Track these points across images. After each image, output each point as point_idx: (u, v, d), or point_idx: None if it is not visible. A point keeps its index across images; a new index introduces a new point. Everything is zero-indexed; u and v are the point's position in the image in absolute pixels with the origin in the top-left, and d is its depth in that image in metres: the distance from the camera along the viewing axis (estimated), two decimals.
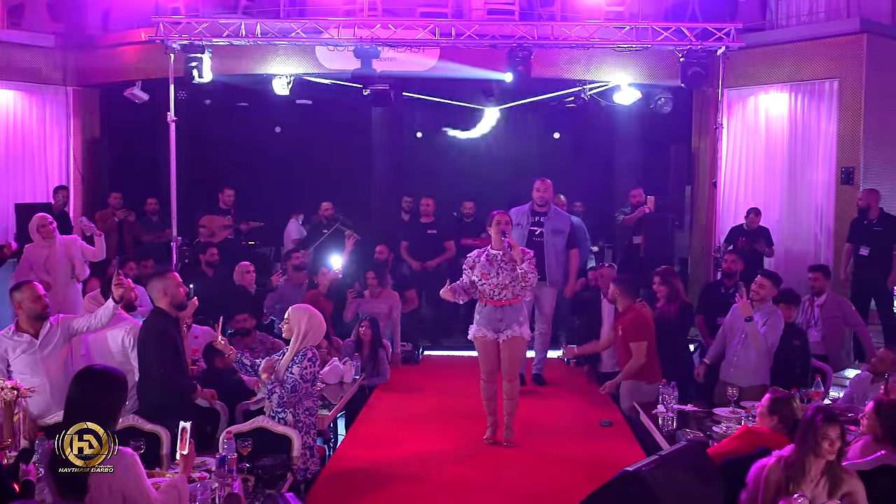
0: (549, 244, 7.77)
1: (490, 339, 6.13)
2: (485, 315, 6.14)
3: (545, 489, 5.42)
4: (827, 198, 9.60)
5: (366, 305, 8.39)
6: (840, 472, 3.81)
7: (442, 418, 6.86)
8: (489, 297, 6.08)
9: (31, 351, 4.99)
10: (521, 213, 7.84)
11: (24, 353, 4.99)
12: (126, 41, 10.70)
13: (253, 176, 11.51)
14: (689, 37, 9.02)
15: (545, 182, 7.91)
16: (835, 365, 7.40)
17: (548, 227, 7.80)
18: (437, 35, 9.11)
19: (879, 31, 9.44)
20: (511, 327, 6.10)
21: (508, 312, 6.10)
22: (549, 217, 7.86)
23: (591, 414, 7.04)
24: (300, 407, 4.95)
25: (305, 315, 5.08)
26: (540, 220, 7.82)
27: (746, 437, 4.53)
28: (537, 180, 7.95)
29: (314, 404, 5.12)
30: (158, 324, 5.02)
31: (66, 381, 4.20)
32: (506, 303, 6.07)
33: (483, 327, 6.14)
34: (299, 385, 4.89)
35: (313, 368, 4.98)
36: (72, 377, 3.61)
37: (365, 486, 5.36)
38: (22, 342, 5.01)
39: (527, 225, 7.79)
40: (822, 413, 3.87)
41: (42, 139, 10.97)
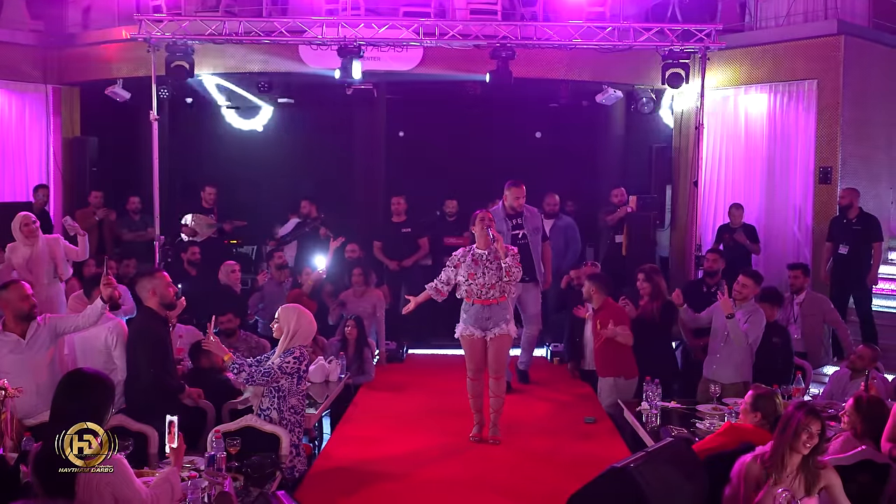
0: (533, 244, 7.70)
1: (477, 337, 6.15)
2: (472, 314, 6.15)
3: (532, 486, 5.47)
4: (805, 197, 9.74)
5: (350, 305, 8.40)
6: (816, 467, 3.87)
7: (428, 416, 6.90)
8: (477, 297, 6.10)
9: (18, 350, 4.97)
10: (497, 218, 7.49)
11: (11, 352, 4.97)
12: (107, 39, 10.64)
13: (234, 174, 11.47)
14: (671, 38, 9.12)
15: (522, 188, 7.68)
16: (813, 362, 7.56)
17: (528, 228, 7.71)
18: (421, 34, 9.13)
19: (856, 33, 9.61)
20: (499, 325, 6.13)
21: (496, 311, 6.12)
22: (526, 218, 7.75)
23: (576, 411, 7.10)
24: (285, 404, 4.93)
25: (294, 314, 5.07)
26: (519, 222, 7.72)
27: (730, 433, 4.60)
28: (513, 186, 7.68)
29: (300, 402, 5.07)
30: (147, 323, 5.03)
31: (53, 381, 4.23)
32: (493, 301, 6.10)
33: (470, 325, 6.16)
34: (274, 372, 4.85)
35: (297, 365, 4.94)
36: (57, 377, 3.62)
37: (352, 485, 5.37)
38: (8, 342, 4.99)
39: (508, 230, 7.59)
40: (805, 408, 3.94)
41: (22, 137, 10.90)
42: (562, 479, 5.27)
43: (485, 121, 11.82)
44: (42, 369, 5.02)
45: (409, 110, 11.63)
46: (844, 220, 8.93)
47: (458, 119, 11.77)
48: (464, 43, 9.21)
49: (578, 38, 9.22)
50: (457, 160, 11.73)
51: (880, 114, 9.94)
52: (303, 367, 4.99)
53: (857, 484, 4.26)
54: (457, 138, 11.90)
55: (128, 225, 10.40)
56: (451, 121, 11.75)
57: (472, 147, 11.91)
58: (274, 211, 11.04)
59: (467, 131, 11.93)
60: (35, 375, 4.95)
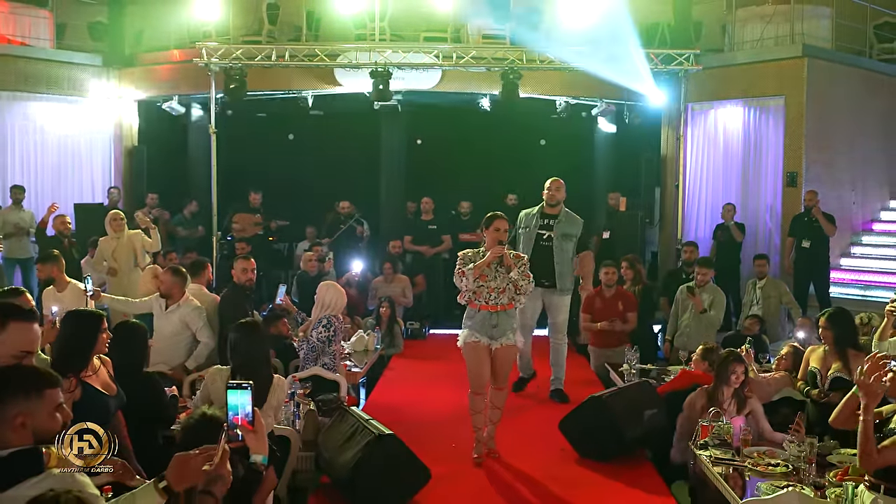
0: (558, 249, 7.22)
1: (483, 344, 5.74)
2: (478, 320, 5.75)
3: (538, 427, 6.78)
4: (776, 197, 11.16)
5: (383, 289, 9.89)
6: (744, 396, 5.30)
7: (448, 377, 7.98)
8: (484, 301, 5.73)
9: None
10: (530, 214, 7.42)
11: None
12: (162, 60, 12.16)
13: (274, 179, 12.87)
14: (655, 61, 10.55)
15: (557, 181, 7.35)
16: (772, 336, 8.95)
17: (558, 232, 7.24)
18: (441, 58, 10.60)
19: (819, 55, 11.02)
20: (505, 334, 5.76)
21: (503, 318, 5.75)
22: (560, 221, 7.27)
23: (574, 375, 8.01)
24: (320, 362, 6.36)
25: (325, 288, 6.57)
26: (549, 223, 7.27)
27: (684, 377, 6.06)
28: (550, 179, 7.39)
29: (331, 361, 6.45)
30: (235, 297, 6.50)
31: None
32: (501, 308, 5.72)
33: (477, 332, 5.74)
34: (316, 345, 6.33)
35: (327, 333, 6.37)
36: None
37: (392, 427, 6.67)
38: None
39: (535, 227, 7.30)
40: (733, 355, 5.38)
41: (89, 147, 12.43)
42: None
43: (494, 130, 13.28)
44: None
45: (428, 122, 13.06)
46: (806, 219, 10.33)
47: (471, 129, 13.23)
48: (477, 66, 10.65)
49: (576, 61, 10.64)
50: (469, 165, 13.20)
51: (842, 125, 11.29)
52: (330, 333, 6.39)
53: (780, 415, 5.71)
54: (469, 146, 13.37)
55: (182, 224, 11.88)
56: (465, 130, 13.19)
57: (482, 154, 13.36)
58: (309, 212, 12.49)
59: (479, 140, 13.39)
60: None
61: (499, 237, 5.71)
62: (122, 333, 4.58)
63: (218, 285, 9.68)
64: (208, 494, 2.75)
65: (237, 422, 2.96)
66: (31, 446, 2.65)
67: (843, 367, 5.30)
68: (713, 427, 4.87)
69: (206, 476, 2.71)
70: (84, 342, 3.94)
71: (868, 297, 10.36)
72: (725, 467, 4.52)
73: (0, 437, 2.66)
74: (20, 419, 2.67)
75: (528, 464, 5.78)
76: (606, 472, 5.57)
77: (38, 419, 2.71)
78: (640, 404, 5.66)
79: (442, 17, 11.48)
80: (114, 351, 4.21)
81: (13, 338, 3.02)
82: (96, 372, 4.12)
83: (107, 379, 4.22)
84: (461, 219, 11.63)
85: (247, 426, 2.97)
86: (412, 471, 4.89)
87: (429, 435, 6.28)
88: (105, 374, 4.22)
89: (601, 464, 5.69)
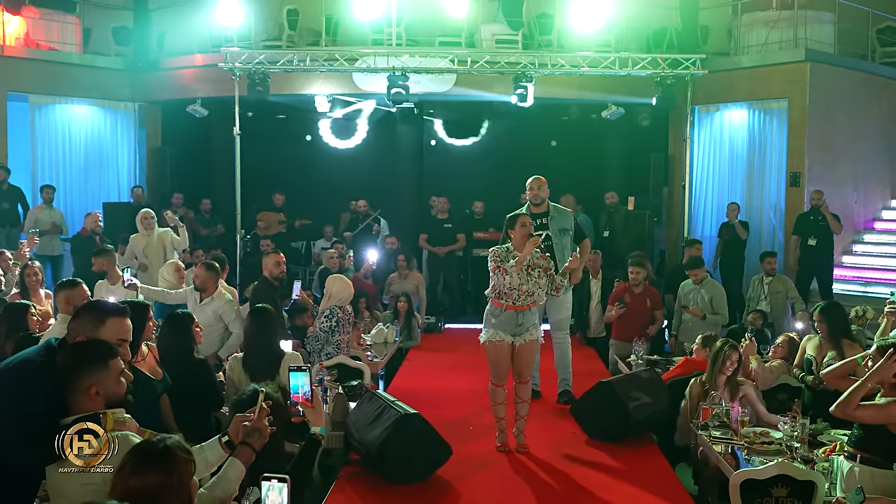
0: (558, 245, 7.09)
1: (507, 342, 5.87)
2: (503, 319, 5.84)
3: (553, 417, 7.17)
4: (779, 197, 11.50)
5: (398, 285, 10.29)
6: (737, 382, 5.66)
7: (463, 368, 8.48)
8: (512, 302, 5.81)
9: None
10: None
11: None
12: (186, 64, 12.58)
13: (296, 179, 13.30)
14: (663, 65, 10.91)
15: (539, 179, 7.20)
16: (778, 330, 9.30)
17: (553, 228, 7.13)
18: (455, 63, 10.99)
19: (821, 59, 11.34)
20: (529, 331, 5.90)
21: (528, 317, 5.89)
22: (552, 217, 7.17)
23: (584, 367, 8.34)
24: (323, 352, 6.74)
25: (332, 280, 6.95)
26: (542, 221, 7.10)
27: (686, 364, 6.44)
28: (531, 178, 7.25)
29: (334, 351, 6.76)
30: (266, 289, 6.91)
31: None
32: (526, 307, 5.86)
33: (500, 331, 5.85)
34: (319, 335, 6.72)
35: (329, 324, 6.72)
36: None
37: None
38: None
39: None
40: (728, 344, 5.74)
41: (115, 147, 12.88)
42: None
43: (507, 132, 13.69)
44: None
45: (443, 123, 13.47)
46: (812, 217, 10.66)
47: (485, 130, 13.63)
48: (491, 70, 11.03)
49: (586, 65, 11.03)
50: (483, 166, 13.60)
51: (844, 126, 11.62)
52: (332, 324, 6.74)
53: (777, 401, 6.08)
54: (483, 147, 13.77)
55: (202, 222, 12.31)
56: (479, 132, 13.59)
57: (495, 155, 13.76)
58: (328, 210, 12.90)
59: (492, 141, 13.79)
60: None
61: (527, 231, 5.88)
62: (174, 323, 4.99)
63: (241, 280, 10.16)
64: (247, 445, 3.20)
65: (298, 399, 3.48)
66: (93, 413, 3.04)
67: (838, 355, 5.70)
68: (713, 410, 5.25)
69: (245, 431, 3.19)
70: (134, 330, 4.36)
71: (869, 293, 10.72)
72: (724, 446, 4.89)
73: (77, 407, 3.08)
74: (94, 388, 3.08)
75: (539, 445, 6.09)
76: (614, 454, 5.93)
77: (108, 385, 3.12)
78: (645, 388, 6.05)
79: (456, 23, 11.88)
80: (167, 339, 4.63)
81: (111, 330, 3.49)
82: (144, 358, 4.56)
83: (154, 364, 4.66)
84: (475, 218, 12.03)
85: (306, 403, 3.50)
86: (436, 446, 5.30)
87: (447, 418, 6.60)
88: (152, 360, 4.67)
89: (610, 445, 6.06)
